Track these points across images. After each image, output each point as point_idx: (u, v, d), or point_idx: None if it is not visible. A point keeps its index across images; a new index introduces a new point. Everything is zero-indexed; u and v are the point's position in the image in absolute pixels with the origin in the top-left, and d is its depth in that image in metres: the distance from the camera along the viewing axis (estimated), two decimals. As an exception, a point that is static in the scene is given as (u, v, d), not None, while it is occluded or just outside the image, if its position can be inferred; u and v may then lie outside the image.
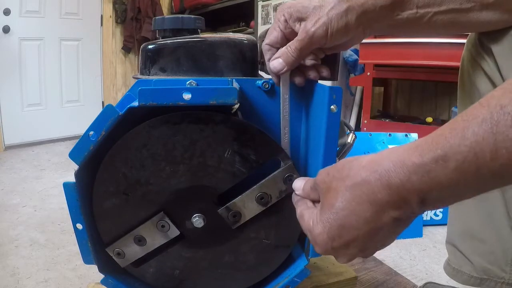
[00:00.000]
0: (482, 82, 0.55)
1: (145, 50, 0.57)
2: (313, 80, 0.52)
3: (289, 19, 0.48)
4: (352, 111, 2.47)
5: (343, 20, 0.45)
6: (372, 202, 0.34)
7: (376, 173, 0.33)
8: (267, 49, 0.50)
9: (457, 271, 0.67)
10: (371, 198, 0.33)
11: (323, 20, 0.45)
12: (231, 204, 0.52)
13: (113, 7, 3.07)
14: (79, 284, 1.06)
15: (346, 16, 0.45)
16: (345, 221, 0.35)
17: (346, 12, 0.45)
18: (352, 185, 0.35)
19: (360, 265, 0.89)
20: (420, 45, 1.75)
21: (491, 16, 0.47)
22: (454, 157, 0.29)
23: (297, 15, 0.47)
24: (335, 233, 0.36)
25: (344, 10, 0.45)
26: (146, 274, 0.57)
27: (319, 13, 0.45)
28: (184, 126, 0.49)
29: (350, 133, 0.60)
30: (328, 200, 0.37)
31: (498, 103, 0.28)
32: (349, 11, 0.45)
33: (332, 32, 0.45)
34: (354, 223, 0.35)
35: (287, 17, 0.48)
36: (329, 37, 0.46)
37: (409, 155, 0.32)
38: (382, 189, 0.33)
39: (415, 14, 0.48)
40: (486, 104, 0.29)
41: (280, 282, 0.57)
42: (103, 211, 0.53)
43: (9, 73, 2.63)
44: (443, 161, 0.30)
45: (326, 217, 0.37)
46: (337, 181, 0.37)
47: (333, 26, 0.45)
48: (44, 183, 1.94)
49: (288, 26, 0.48)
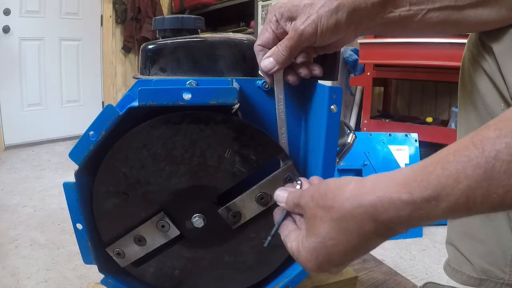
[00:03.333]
0: (483, 81, 0.55)
1: (145, 50, 0.57)
2: (306, 79, 0.51)
3: (280, 19, 0.47)
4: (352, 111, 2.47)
5: (333, 17, 0.45)
6: (359, 234, 0.34)
7: (362, 208, 0.33)
8: (259, 50, 0.50)
9: (456, 272, 0.67)
10: (358, 230, 0.34)
11: (313, 18, 0.45)
12: (231, 204, 0.52)
13: (113, 7, 3.07)
14: (79, 284, 1.06)
15: (336, 13, 0.45)
16: (332, 250, 0.36)
17: (336, 9, 0.45)
18: (338, 218, 0.35)
19: (360, 265, 0.89)
20: (420, 45, 1.74)
21: (487, 13, 0.47)
22: (446, 198, 0.29)
23: (288, 15, 0.47)
24: (323, 259, 0.37)
25: (335, 7, 0.44)
26: (146, 274, 0.57)
27: (309, 11, 0.45)
28: (184, 126, 0.49)
29: (350, 133, 0.60)
30: (313, 229, 0.37)
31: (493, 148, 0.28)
32: (340, 8, 0.45)
33: (322, 29, 0.45)
34: (342, 251, 0.35)
35: (278, 17, 0.47)
36: (319, 35, 0.45)
37: (397, 192, 0.31)
38: (369, 222, 0.33)
39: (408, 12, 0.47)
40: (481, 147, 0.28)
41: (280, 282, 0.57)
42: (103, 211, 0.53)
43: (9, 73, 2.63)
44: (435, 201, 0.30)
45: (313, 245, 0.37)
46: (321, 210, 0.36)
47: (323, 24, 0.45)
48: (44, 183, 1.94)
49: (279, 26, 0.48)
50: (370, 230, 0.33)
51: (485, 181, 0.28)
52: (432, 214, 0.30)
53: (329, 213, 0.35)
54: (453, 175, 0.29)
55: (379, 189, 0.32)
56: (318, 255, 0.37)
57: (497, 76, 0.52)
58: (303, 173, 0.57)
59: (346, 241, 0.35)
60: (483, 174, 0.28)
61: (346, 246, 0.35)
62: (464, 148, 0.29)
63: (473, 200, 0.29)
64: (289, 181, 0.51)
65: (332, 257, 0.36)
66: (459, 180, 0.29)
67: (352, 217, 0.34)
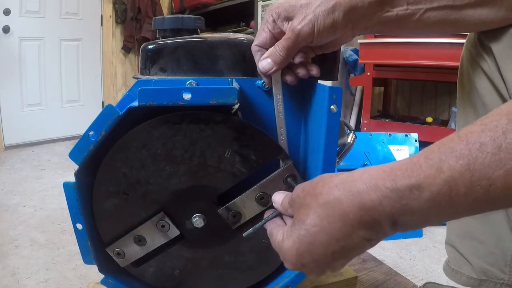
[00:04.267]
0: (481, 81, 0.55)
1: (145, 50, 0.57)
2: (306, 79, 0.52)
3: (277, 19, 0.47)
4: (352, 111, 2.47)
5: (330, 17, 0.45)
6: (343, 221, 0.34)
7: (349, 193, 0.33)
8: (256, 50, 0.50)
9: (456, 272, 0.67)
10: (343, 217, 0.33)
11: (309, 17, 0.45)
12: (231, 204, 0.52)
13: (113, 7, 3.07)
14: (79, 284, 1.06)
15: (333, 13, 0.45)
16: (315, 238, 0.35)
17: (333, 8, 0.44)
18: (324, 203, 0.35)
19: (360, 265, 0.89)
20: (420, 45, 1.74)
21: (486, 13, 0.47)
22: (428, 188, 0.29)
23: (285, 15, 0.47)
24: (304, 249, 0.36)
25: (331, 6, 0.44)
26: (146, 274, 0.57)
27: (305, 11, 0.45)
28: (185, 126, 0.49)
29: (350, 133, 0.60)
30: (300, 216, 0.37)
31: (477, 140, 0.28)
32: (336, 8, 0.45)
33: (319, 29, 0.45)
34: (324, 241, 0.35)
35: (275, 17, 0.47)
36: (315, 35, 0.45)
37: (382, 179, 0.32)
38: (354, 209, 0.33)
39: (406, 11, 0.47)
40: (465, 139, 0.29)
41: (280, 282, 0.57)
42: (103, 211, 0.53)
43: (9, 73, 2.63)
44: (417, 190, 0.30)
45: (296, 233, 0.37)
46: (310, 197, 0.37)
47: (320, 23, 0.45)
48: (44, 183, 1.94)
49: (276, 27, 0.48)
50: (354, 218, 0.33)
51: (468, 172, 0.28)
52: (415, 205, 0.30)
53: (316, 199, 0.36)
54: (436, 165, 0.29)
55: (367, 177, 0.33)
56: (300, 243, 0.36)
57: (496, 76, 0.52)
58: (303, 173, 0.57)
59: (329, 228, 0.34)
60: (466, 165, 0.28)
61: (328, 235, 0.34)
62: (449, 141, 0.30)
63: (456, 191, 0.28)
64: (289, 181, 0.51)
65: (313, 247, 0.36)
66: (442, 170, 0.29)
67: (338, 202, 0.34)
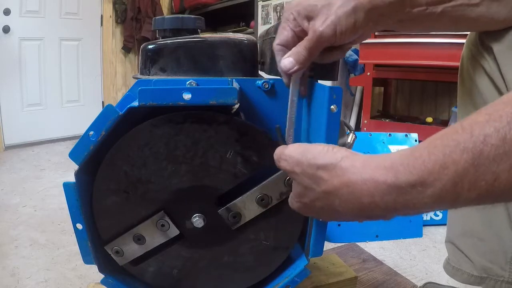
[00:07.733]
0: (482, 80, 0.55)
1: (145, 50, 0.57)
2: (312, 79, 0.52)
3: (297, 17, 0.48)
4: (352, 111, 2.47)
5: (352, 18, 0.45)
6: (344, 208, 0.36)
7: (348, 188, 0.34)
8: (278, 49, 0.50)
9: (457, 270, 0.67)
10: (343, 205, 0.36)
11: (331, 18, 0.45)
12: (232, 205, 0.52)
13: (113, 7, 3.07)
14: (79, 284, 1.06)
15: (354, 14, 0.45)
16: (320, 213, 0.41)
17: (354, 9, 0.45)
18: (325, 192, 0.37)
19: (360, 265, 0.89)
20: (420, 45, 1.74)
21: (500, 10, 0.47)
22: (432, 184, 0.29)
23: (305, 13, 0.47)
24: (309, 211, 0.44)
25: (352, 7, 0.45)
26: (145, 273, 0.57)
27: (327, 11, 0.45)
28: (187, 126, 0.49)
29: (350, 133, 0.60)
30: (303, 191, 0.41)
31: (481, 132, 0.27)
32: (358, 8, 0.45)
33: (341, 31, 0.45)
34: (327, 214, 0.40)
35: (296, 15, 0.48)
36: (338, 36, 0.46)
37: (383, 175, 0.31)
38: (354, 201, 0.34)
39: (425, 10, 0.47)
40: (469, 131, 0.28)
41: (280, 282, 0.57)
42: (103, 209, 0.53)
43: (9, 73, 2.63)
44: (420, 187, 0.29)
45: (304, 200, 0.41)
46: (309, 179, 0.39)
47: (342, 24, 0.45)
48: (44, 183, 1.94)
49: (297, 24, 0.48)
50: (354, 208, 0.34)
51: (472, 167, 0.27)
52: (418, 201, 0.30)
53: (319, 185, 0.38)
54: (440, 161, 0.29)
55: (366, 173, 0.33)
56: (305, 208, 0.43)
57: (497, 76, 0.52)
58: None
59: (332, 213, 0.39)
60: (470, 160, 0.27)
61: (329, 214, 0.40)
62: (453, 132, 0.29)
63: (460, 187, 0.28)
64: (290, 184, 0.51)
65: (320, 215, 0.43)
66: (446, 166, 0.28)
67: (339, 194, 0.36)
